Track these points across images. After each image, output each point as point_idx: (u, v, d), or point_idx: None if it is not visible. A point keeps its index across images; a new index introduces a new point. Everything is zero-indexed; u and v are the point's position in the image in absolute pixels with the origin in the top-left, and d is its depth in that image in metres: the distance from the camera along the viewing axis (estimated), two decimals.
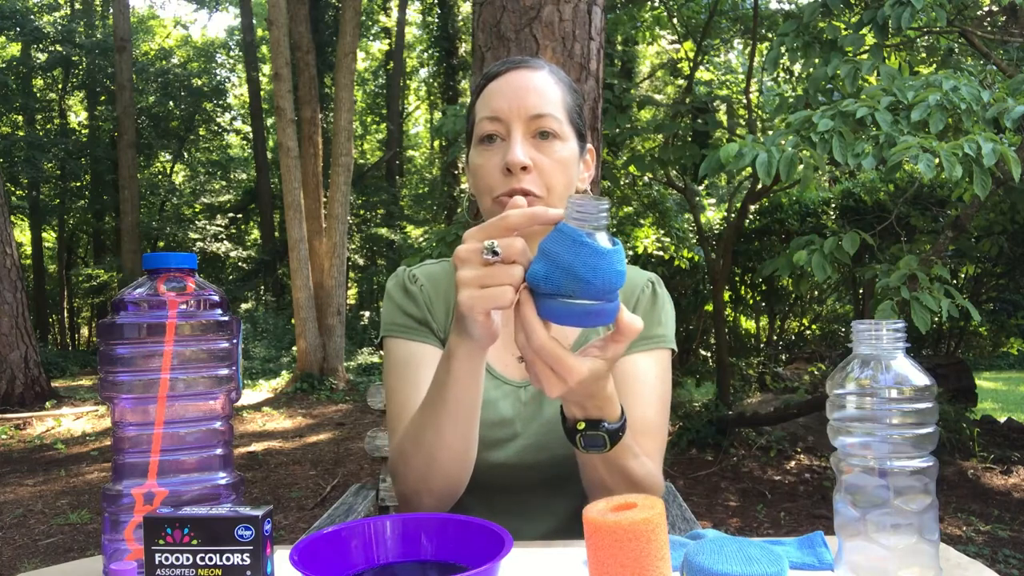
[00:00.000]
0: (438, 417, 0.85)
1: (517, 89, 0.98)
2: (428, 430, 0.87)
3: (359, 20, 9.67)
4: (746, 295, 8.27)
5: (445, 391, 0.83)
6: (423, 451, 0.88)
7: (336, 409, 7.91)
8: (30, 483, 4.84)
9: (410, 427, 0.91)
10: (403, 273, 1.12)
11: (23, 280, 7.92)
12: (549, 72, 1.02)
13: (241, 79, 19.44)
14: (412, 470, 0.90)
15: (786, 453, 4.96)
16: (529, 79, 0.99)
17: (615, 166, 5.54)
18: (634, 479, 0.88)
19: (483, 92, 1.02)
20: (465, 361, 0.81)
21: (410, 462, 0.90)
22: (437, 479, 0.89)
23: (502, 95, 0.98)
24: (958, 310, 3.05)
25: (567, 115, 1.01)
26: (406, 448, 0.91)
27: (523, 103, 0.97)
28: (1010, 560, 3.07)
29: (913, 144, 2.60)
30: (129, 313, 0.75)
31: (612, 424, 0.81)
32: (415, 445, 0.89)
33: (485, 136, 0.98)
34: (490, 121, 0.98)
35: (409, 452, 0.90)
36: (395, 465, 0.95)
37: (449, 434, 0.86)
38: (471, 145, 1.04)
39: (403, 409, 1.00)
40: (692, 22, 6.44)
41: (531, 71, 1.00)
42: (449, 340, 0.82)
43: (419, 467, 0.89)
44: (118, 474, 0.75)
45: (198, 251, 15.47)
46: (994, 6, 4.96)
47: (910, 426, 0.68)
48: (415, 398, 0.99)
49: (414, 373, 1.02)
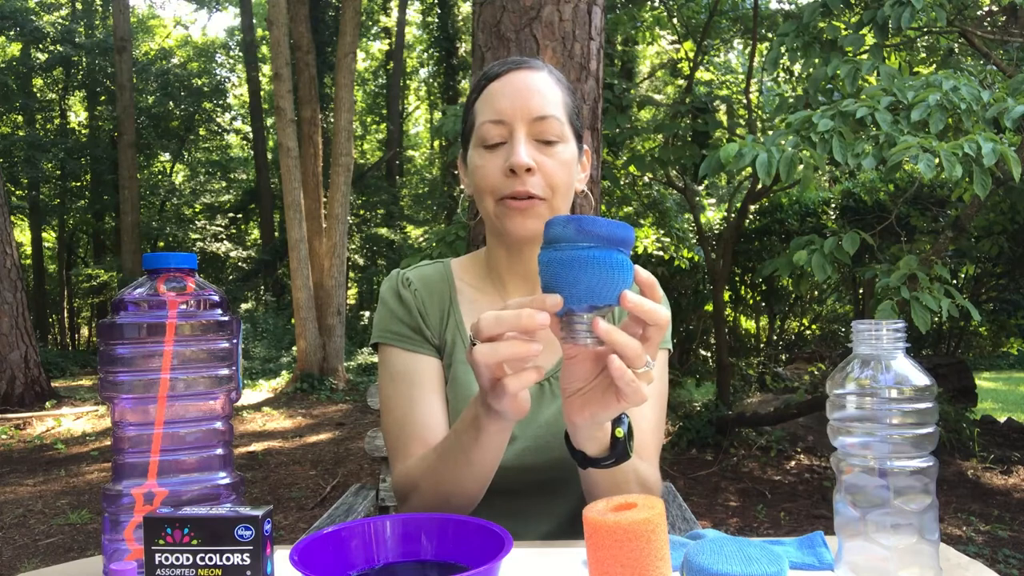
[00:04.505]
0: (459, 469, 0.86)
1: (520, 90, 0.98)
2: (446, 478, 0.88)
3: (359, 20, 9.67)
4: (746, 295, 8.27)
5: (469, 454, 0.84)
6: (439, 491, 0.90)
7: (336, 409, 7.91)
8: (30, 483, 4.84)
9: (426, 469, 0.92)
10: (397, 276, 1.11)
11: (23, 280, 7.92)
12: (548, 73, 1.02)
13: (241, 79, 19.44)
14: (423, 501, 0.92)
15: (786, 453, 4.96)
16: (531, 80, 0.99)
17: (615, 166, 5.54)
18: (641, 478, 0.89)
19: (483, 92, 1.01)
20: (495, 435, 0.81)
21: (423, 496, 0.92)
22: (448, 509, 0.91)
23: (505, 96, 0.98)
24: (958, 310, 3.05)
25: (567, 116, 1.01)
26: (419, 484, 0.93)
27: (526, 104, 0.97)
28: (1010, 560, 3.07)
29: (913, 144, 2.60)
30: (129, 313, 0.75)
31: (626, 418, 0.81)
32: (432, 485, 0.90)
33: (488, 138, 0.98)
34: (493, 123, 0.98)
35: (423, 488, 0.92)
36: (402, 489, 0.97)
37: (469, 484, 0.88)
38: (470, 145, 1.03)
39: (401, 428, 1.01)
40: (692, 22, 6.44)
41: (532, 72, 1.00)
42: (478, 412, 0.79)
43: (431, 501, 0.91)
44: (118, 474, 0.75)
45: (198, 251, 15.47)
46: (994, 6, 4.96)
47: (910, 426, 0.68)
48: (412, 416, 1.01)
49: (409, 388, 1.03)
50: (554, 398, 1.04)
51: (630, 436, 0.80)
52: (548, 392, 1.04)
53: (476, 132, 1.00)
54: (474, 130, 1.01)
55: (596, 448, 0.79)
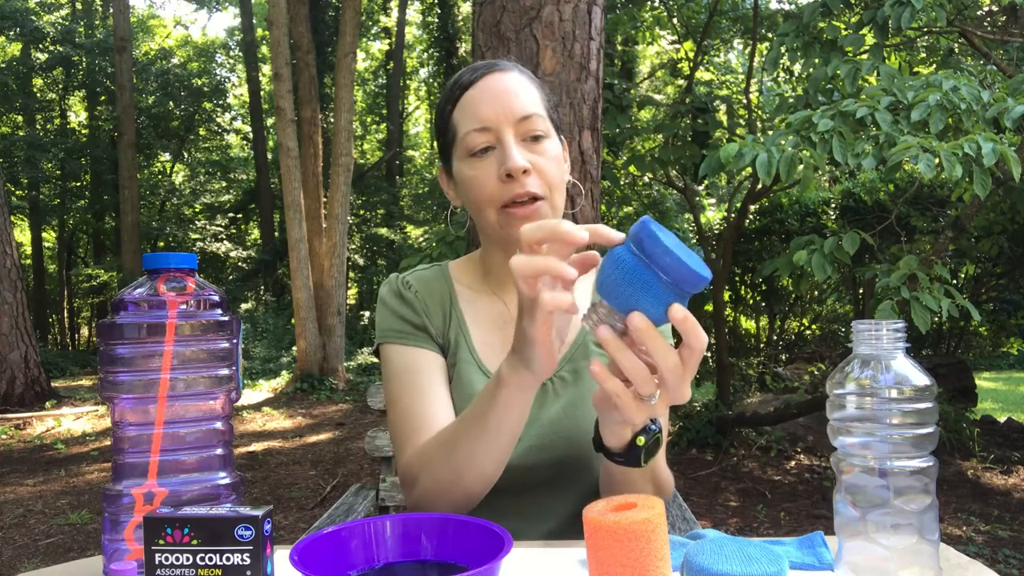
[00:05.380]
0: (474, 441, 0.83)
1: (499, 94, 0.97)
2: (460, 451, 0.85)
3: (359, 20, 9.67)
4: (746, 295, 8.27)
5: (487, 418, 0.81)
6: (451, 467, 0.86)
7: (336, 409, 7.91)
8: (30, 483, 4.84)
9: (439, 445, 0.89)
10: (396, 279, 1.10)
11: (23, 280, 7.92)
12: (519, 72, 1.02)
13: (241, 79, 19.44)
14: (435, 481, 0.88)
15: (786, 453, 4.96)
16: (506, 82, 0.98)
17: (615, 166, 5.54)
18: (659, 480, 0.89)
19: (459, 103, 0.99)
20: (516, 392, 0.78)
21: (435, 474, 0.88)
22: (457, 495, 0.87)
23: (484, 103, 0.97)
24: (958, 310, 3.05)
25: (547, 111, 1.01)
26: (431, 462, 0.89)
27: (508, 107, 0.96)
28: (1010, 560, 3.07)
29: (913, 144, 2.61)
30: (129, 313, 0.75)
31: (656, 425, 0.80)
32: (444, 462, 0.87)
33: (476, 147, 0.97)
34: (479, 132, 0.96)
35: (435, 466, 0.88)
36: (411, 472, 0.93)
37: (483, 459, 0.84)
38: (453, 158, 1.01)
39: (407, 419, 0.99)
40: (692, 22, 6.44)
41: (504, 73, 0.99)
42: (501, 369, 0.78)
43: (443, 480, 0.87)
44: (118, 474, 0.75)
45: (198, 251, 15.47)
46: (994, 6, 4.97)
47: (910, 426, 0.68)
48: (419, 407, 0.98)
49: (415, 380, 1.01)
50: (557, 398, 1.04)
51: (652, 448, 0.79)
52: (551, 392, 1.04)
53: (460, 143, 0.99)
54: (456, 141, 1.00)
55: (614, 442, 0.79)
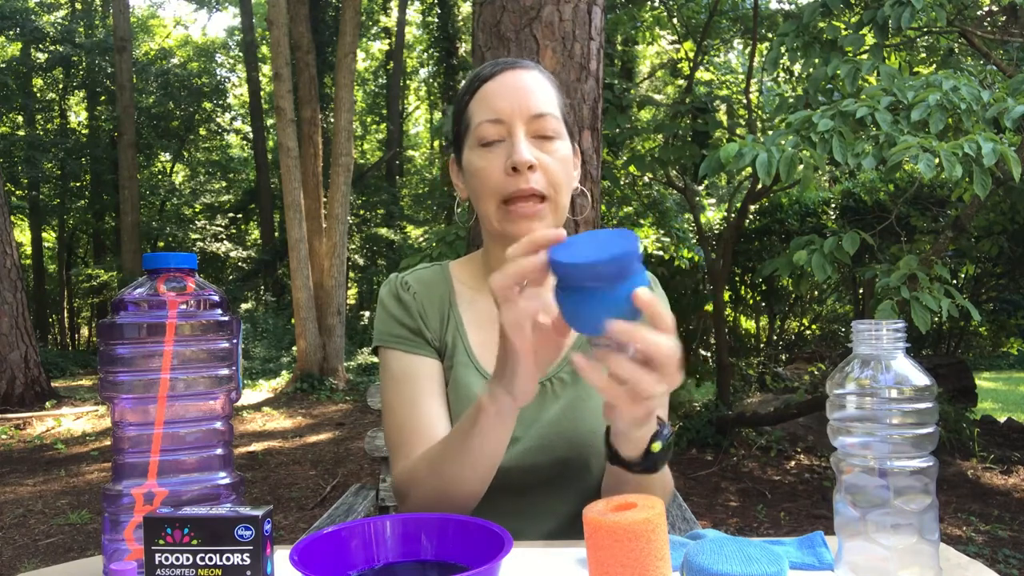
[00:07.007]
0: (458, 462, 0.86)
1: (516, 89, 0.98)
2: (446, 471, 0.88)
3: (359, 20, 9.67)
4: (746, 295, 8.27)
5: (470, 440, 0.83)
6: (439, 485, 0.89)
7: (336, 409, 7.91)
8: (30, 483, 4.84)
9: (427, 462, 0.92)
10: (395, 280, 1.11)
11: (23, 280, 7.92)
12: (540, 72, 1.03)
13: (241, 79, 19.44)
14: (423, 497, 0.91)
15: (786, 453, 4.96)
16: (525, 79, 1.00)
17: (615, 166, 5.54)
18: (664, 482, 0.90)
19: (477, 94, 1.01)
20: (495, 418, 0.80)
21: (423, 490, 0.91)
22: (446, 509, 0.90)
23: (501, 96, 0.98)
24: (958, 310, 3.05)
25: (562, 114, 1.02)
26: (420, 479, 0.92)
27: (524, 102, 0.97)
28: (1010, 560, 3.07)
29: (913, 144, 2.61)
30: (129, 313, 0.75)
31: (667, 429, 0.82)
32: (432, 479, 0.90)
33: (486, 138, 0.98)
34: (491, 123, 0.98)
35: (424, 483, 0.91)
36: (403, 487, 0.96)
37: (468, 477, 0.87)
38: (465, 147, 1.03)
39: (402, 428, 1.01)
40: (692, 22, 6.44)
41: (525, 71, 1.01)
42: (482, 397, 0.80)
43: (431, 496, 0.90)
44: (118, 474, 0.75)
45: (198, 251, 15.47)
46: (994, 6, 4.97)
47: (910, 426, 0.68)
48: (413, 417, 1.00)
49: (410, 389, 1.02)
50: (556, 398, 1.04)
51: (665, 453, 0.81)
52: (550, 392, 1.04)
53: (472, 133, 1.00)
54: (469, 131, 1.01)
55: (631, 451, 0.81)
